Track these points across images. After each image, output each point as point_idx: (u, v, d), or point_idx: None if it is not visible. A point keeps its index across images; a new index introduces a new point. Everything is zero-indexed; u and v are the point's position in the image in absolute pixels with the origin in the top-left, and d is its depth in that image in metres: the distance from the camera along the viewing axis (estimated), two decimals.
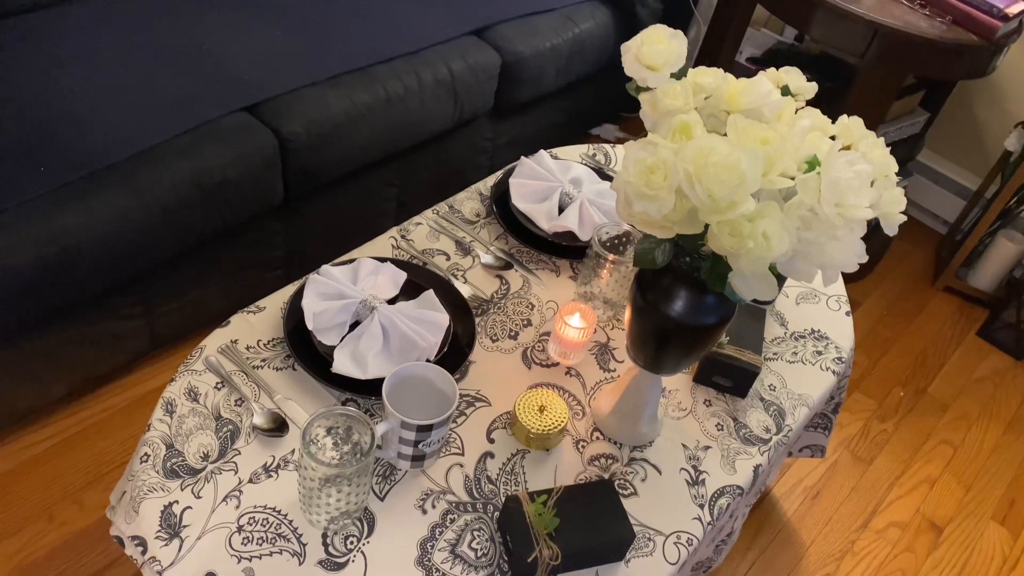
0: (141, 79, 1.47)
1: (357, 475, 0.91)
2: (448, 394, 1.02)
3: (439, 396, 1.04)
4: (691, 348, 1.00)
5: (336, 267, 1.22)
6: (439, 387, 1.04)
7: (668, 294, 0.96)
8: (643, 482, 1.10)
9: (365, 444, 0.95)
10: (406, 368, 1.03)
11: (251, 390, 1.09)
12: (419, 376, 1.04)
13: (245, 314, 1.18)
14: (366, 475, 0.93)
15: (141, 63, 1.51)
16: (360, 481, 0.92)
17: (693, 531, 1.06)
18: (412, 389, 1.04)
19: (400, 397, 1.03)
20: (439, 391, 1.04)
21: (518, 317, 1.27)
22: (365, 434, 0.95)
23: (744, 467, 1.15)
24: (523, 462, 1.09)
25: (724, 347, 1.22)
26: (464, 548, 0.98)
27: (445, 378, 1.03)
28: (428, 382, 1.04)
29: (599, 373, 1.22)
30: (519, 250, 1.38)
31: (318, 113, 1.55)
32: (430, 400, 1.05)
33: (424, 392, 1.05)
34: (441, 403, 1.03)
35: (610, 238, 1.27)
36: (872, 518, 1.66)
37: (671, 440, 1.16)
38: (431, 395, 1.04)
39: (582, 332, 1.19)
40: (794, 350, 1.33)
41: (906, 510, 1.69)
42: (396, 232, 1.36)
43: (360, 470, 0.90)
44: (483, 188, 1.49)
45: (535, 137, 2.16)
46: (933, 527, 1.67)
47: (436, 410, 1.03)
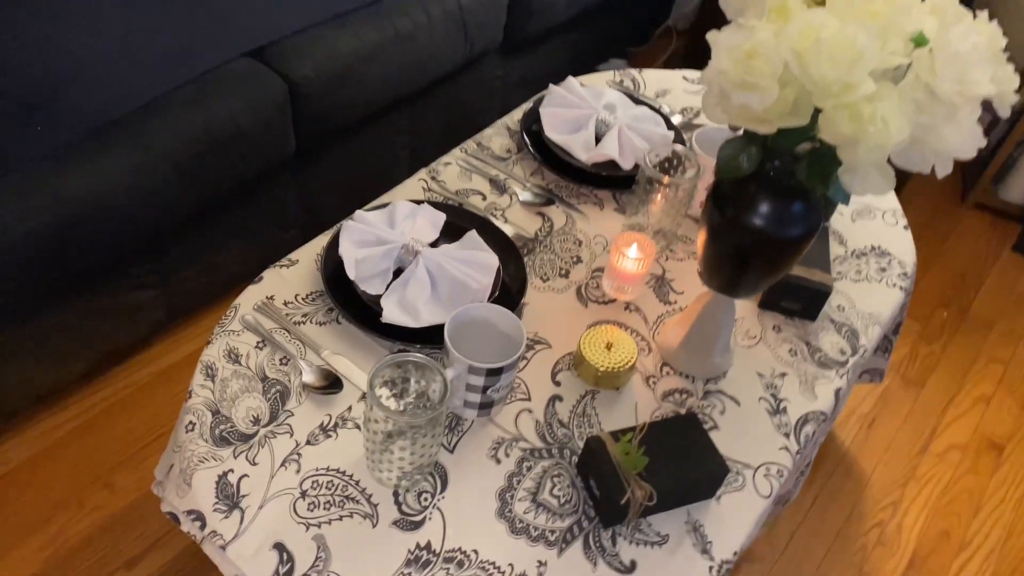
0: (138, 29, 1.36)
1: (430, 426, 0.83)
2: (512, 335, 0.94)
3: (501, 339, 0.96)
4: (775, 265, 0.93)
5: (370, 212, 1.13)
6: (501, 329, 0.96)
7: (750, 205, 0.88)
8: (722, 415, 1.03)
9: (435, 394, 0.87)
10: (466, 311, 0.94)
11: (296, 347, 1.00)
12: (479, 319, 0.96)
13: (278, 268, 1.09)
14: (439, 425, 0.85)
15: (136, 13, 1.39)
16: (433, 432, 0.85)
17: (782, 461, 0.99)
18: (472, 333, 0.96)
19: (460, 342, 0.95)
20: (501, 334, 0.96)
21: (567, 254, 1.19)
22: (434, 382, 0.87)
23: (824, 392, 1.08)
24: (593, 403, 1.01)
25: (792, 268, 1.14)
26: (545, 496, 0.91)
27: (508, 319, 0.95)
28: (489, 325, 0.96)
29: (659, 306, 1.14)
30: (557, 184, 1.30)
31: (327, 55, 1.45)
32: (491, 343, 0.97)
33: (485, 336, 0.97)
34: (504, 346, 0.96)
35: (659, 161, 1.19)
36: (931, 442, 1.61)
37: (745, 370, 1.08)
38: (492, 338, 0.97)
39: (640, 263, 1.11)
40: (857, 268, 1.26)
41: (964, 431, 1.64)
42: (425, 173, 1.27)
43: (433, 420, 0.83)
44: (511, 123, 1.40)
45: (545, 75, 2.05)
46: (993, 446, 1.62)
47: (499, 354, 0.96)
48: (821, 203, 0.92)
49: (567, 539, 0.88)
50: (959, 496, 1.53)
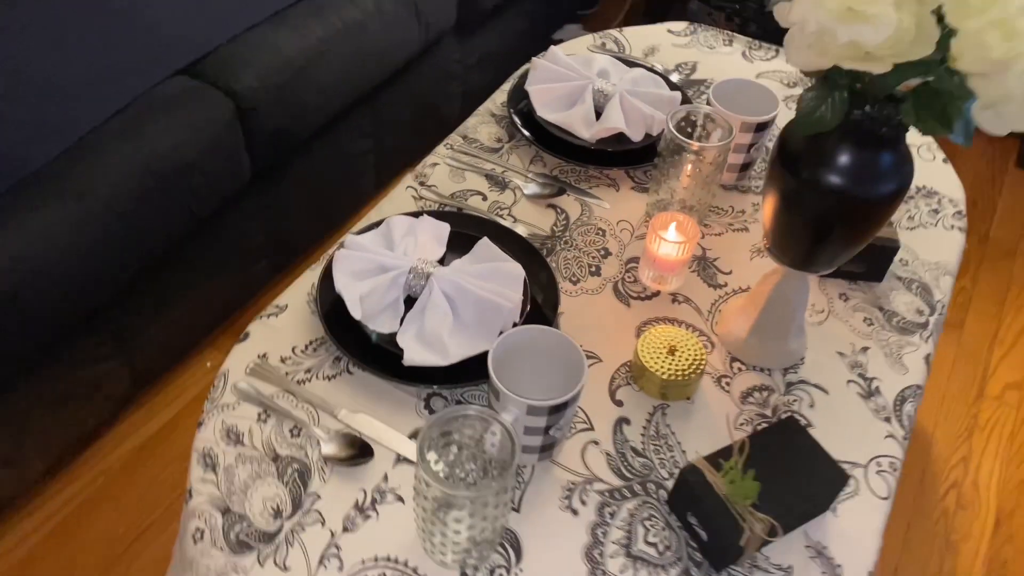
0: (50, 58, 1.16)
1: (497, 493, 0.67)
2: (567, 358, 0.79)
3: (552, 365, 0.80)
4: (862, 230, 0.78)
5: (362, 235, 0.96)
6: (551, 353, 0.80)
7: (830, 163, 0.73)
8: (812, 409, 0.89)
9: (493, 447, 0.71)
10: (508, 338, 0.78)
11: (306, 412, 0.83)
12: (523, 345, 0.80)
13: (265, 319, 0.92)
14: (508, 491, 0.69)
15: (46, 39, 1.19)
16: (501, 500, 0.68)
17: (892, 452, 0.86)
18: (516, 363, 0.80)
19: (505, 377, 0.79)
20: (551, 358, 0.80)
21: (592, 248, 1.03)
22: (491, 433, 0.71)
23: (914, 361, 0.94)
24: (665, 420, 0.86)
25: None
26: (641, 546, 0.76)
27: (557, 340, 0.79)
28: (535, 350, 0.80)
29: (710, 292, 0.99)
30: (562, 169, 1.14)
31: (270, 60, 1.26)
32: (541, 372, 0.81)
33: (532, 363, 0.81)
34: (557, 373, 0.80)
35: (679, 121, 1.03)
36: (985, 384, 1.50)
37: (822, 350, 0.94)
38: (542, 366, 0.81)
39: (682, 247, 0.95)
40: (908, 214, 1.12)
41: (1017, 367, 1.53)
42: (413, 179, 1.10)
43: (502, 487, 0.67)
44: (494, 107, 1.23)
45: (503, 52, 1.89)
46: None
47: (554, 384, 0.80)
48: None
49: None
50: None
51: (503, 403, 0.75)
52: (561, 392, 0.77)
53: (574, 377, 0.77)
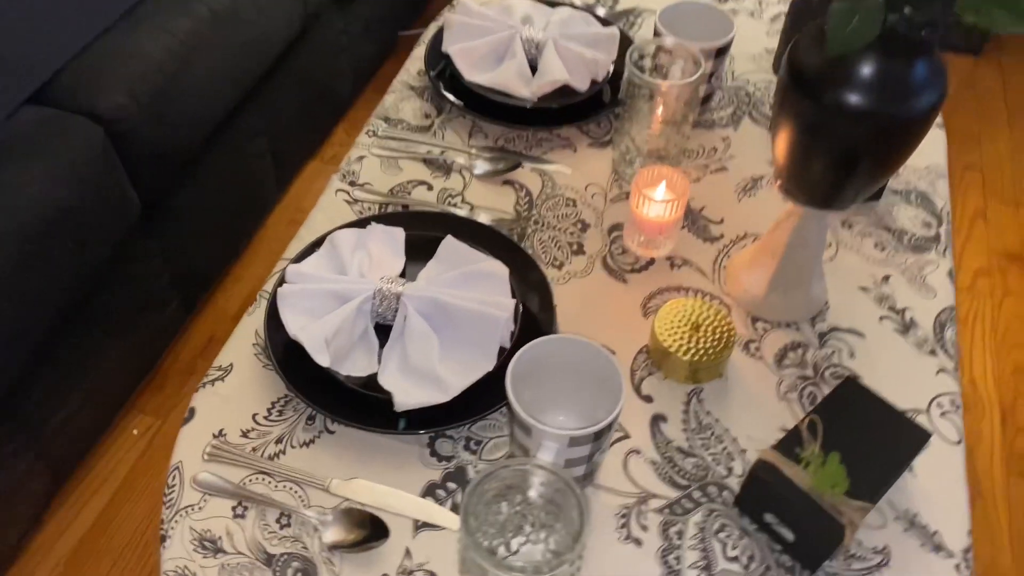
0: None
1: (573, 562, 0.54)
2: (592, 365, 0.66)
3: (573, 377, 0.67)
4: (896, 154, 0.68)
5: (302, 262, 0.80)
6: (570, 365, 0.67)
7: (859, 82, 0.63)
8: (853, 358, 0.80)
9: (542, 497, 0.58)
10: (524, 356, 0.65)
11: (290, 493, 0.68)
12: (538, 362, 0.66)
13: (210, 388, 0.75)
14: (581, 559, 0.56)
15: None
16: (576, 567, 0.56)
17: (948, 388, 0.77)
18: (532, 385, 0.67)
19: (524, 404, 0.65)
20: (572, 370, 0.67)
21: (567, 223, 0.90)
22: (536, 485, 0.58)
23: (938, 280, 0.86)
24: (704, 406, 0.75)
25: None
26: (723, 565, 0.65)
27: (579, 348, 0.66)
28: (551, 365, 0.67)
29: (708, 248, 0.88)
30: (506, 138, 0.99)
31: (135, 68, 1.05)
32: (562, 388, 0.68)
33: (550, 381, 0.68)
34: (580, 386, 0.67)
35: (638, 59, 0.90)
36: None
37: (842, 289, 0.85)
38: (561, 381, 0.68)
39: (673, 205, 0.84)
40: None
41: (978, 254, 1.50)
42: (340, 181, 0.94)
43: (577, 555, 0.54)
44: (411, 79, 1.07)
45: (390, 13, 1.71)
46: (1014, 258, 1.49)
47: (578, 399, 0.68)
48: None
49: None
50: (1012, 324, 1.40)
51: (536, 438, 0.62)
52: (593, 408, 0.64)
53: (606, 388, 0.65)
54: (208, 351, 1.36)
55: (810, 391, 0.76)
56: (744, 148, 0.99)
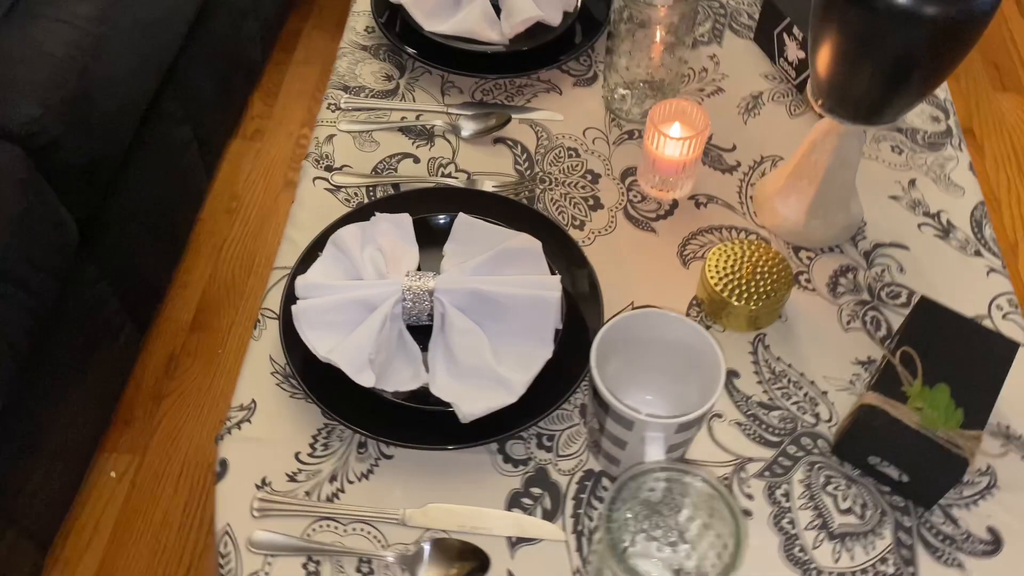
0: None
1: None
2: (679, 336, 0.60)
3: (645, 352, 0.62)
4: (953, 59, 0.63)
5: (308, 272, 0.70)
6: (642, 340, 0.61)
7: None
8: (903, 273, 0.76)
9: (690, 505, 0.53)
10: (604, 339, 0.58)
11: (363, 536, 0.60)
12: (610, 341, 0.60)
13: (236, 432, 0.66)
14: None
15: None
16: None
17: (1003, 288, 0.75)
18: (610, 364, 0.61)
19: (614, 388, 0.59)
20: (641, 346, 0.61)
21: (575, 176, 0.83)
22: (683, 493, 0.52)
23: (962, 175, 0.84)
24: (773, 354, 0.71)
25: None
26: (840, 520, 0.62)
27: (655, 321, 0.60)
28: (620, 341, 0.61)
29: (728, 180, 0.83)
30: (483, 90, 0.90)
31: (41, 69, 0.90)
32: (638, 366, 0.62)
33: (614, 359, 0.62)
34: (656, 362, 0.62)
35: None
36: None
37: (873, 202, 0.81)
38: (634, 358, 0.62)
39: (693, 142, 0.77)
40: None
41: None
42: (315, 167, 0.83)
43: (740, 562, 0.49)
44: (360, 37, 0.96)
45: None
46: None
47: (659, 377, 0.62)
48: None
49: (904, 555, 0.60)
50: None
51: (637, 432, 0.56)
52: (673, 383, 0.59)
53: (688, 358, 0.59)
54: (172, 370, 1.24)
55: (872, 316, 0.73)
56: (735, 64, 0.93)
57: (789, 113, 0.89)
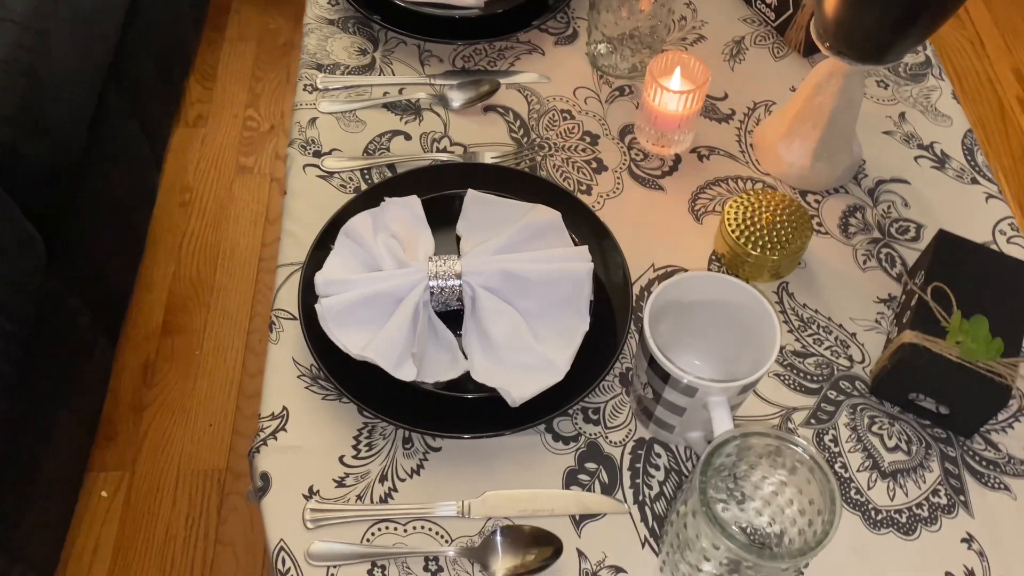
0: None
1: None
2: (714, 297, 0.60)
3: (690, 316, 0.61)
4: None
5: (326, 268, 0.67)
6: (685, 304, 0.60)
7: None
8: (908, 207, 0.77)
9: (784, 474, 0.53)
10: (654, 305, 0.57)
11: (426, 534, 0.59)
12: (663, 306, 0.59)
13: (271, 444, 0.63)
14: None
15: None
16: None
17: (1002, 212, 0.77)
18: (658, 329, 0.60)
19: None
20: (685, 308, 0.61)
21: (573, 139, 0.81)
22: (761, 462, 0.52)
23: (947, 104, 0.85)
24: (798, 300, 0.71)
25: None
26: (889, 458, 0.63)
27: (708, 284, 0.59)
28: (671, 305, 0.60)
29: (725, 129, 0.82)
30: (463, 57, 0.87)
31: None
32: (679, 328, 0.62)
33: (668, 324, 0.61)
34: (699, 324, 0.61)
35: None
36: None
37: (870, 138, 0.81)
38: (676, 321, 0.61)
39: (693, 96, 0.76)
40: None
41: None
42: (302, 154, 0.79)
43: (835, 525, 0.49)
44: (325, 11, 0.91)
45: None
46: None
47: (695, 341, 0.62)
48: None
49: (954, 484, 0.62)
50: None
51: (700, 398, 0.56)
52: (722, 343, 0.59)
53: (741, 319, 0.59)
54: (150, 379, 1.18)
55: (886, 253, 0.74)
56: (712, 10, 0.92)
57: (773, 56, 0.88)
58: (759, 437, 0.50)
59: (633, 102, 0.84)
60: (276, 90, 1.51)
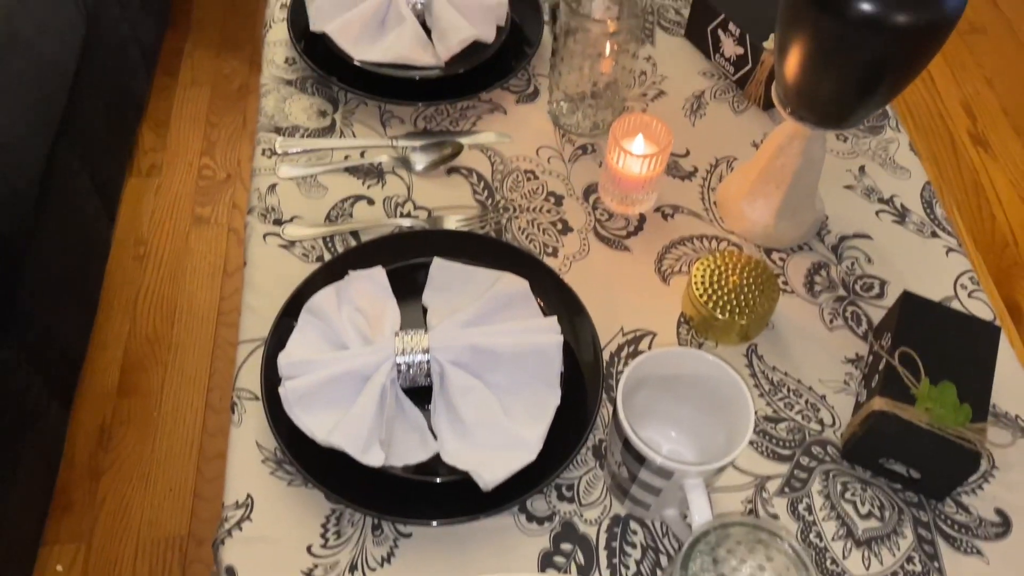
0: None
1: None
2: (686, 373, 0.59)
3: (660, 390, 0.60)
4: (921, 63, 0.63)
5: (289, 348, 0.65)
6: (660, 377, 0.60)
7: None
8: (871, 263, 0.78)
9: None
10: (628, 382, 0.57)
11: None
12: (637, 380, 0.58)
13: (237, 535, 0.60)
14: None
15: None
16: None
17: (962, 267, 0.78)
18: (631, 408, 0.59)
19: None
20: (661, 381, 0.60)
21: (538, 200, 0.80)
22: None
23: (904, 156, 0.86)
24: (767, 363, 0.71)
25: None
26: (863, 525, 0.63)
27: (680, 359, 0.59)
28: (646, 379, 0.59)
29: (688, 187, 0.82)
30: (426, 117, 0.86)
31: None
32: (653, 399, 0.61)
33: (642, 396, 0.60)
34: (675, 396, 0.61)
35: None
36: None
37: (831, 192, 0.82)
38: (650, 393, 0.61)
39: (655, 160, 0.76)
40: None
41: None
42: (261, 222, 0.77)
43: None
44: (280, 71, 0.89)
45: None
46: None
47: (673, 410, 0.61)
48: None
49: (927, 551, 0.62)
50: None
51: (676, 480, 0.55)
52: (697, 412, 0.58)
53: (715, 392, 0.59)
54: (106, 443, 1.14)
55: (852, 311, 0.74)
56: (671, 65, 0.92)
57: (733, 110, 0.89)
58: (739, 527, 0.49)
59: (596, 161, 0.84)
60: (232, 136, 1.49)
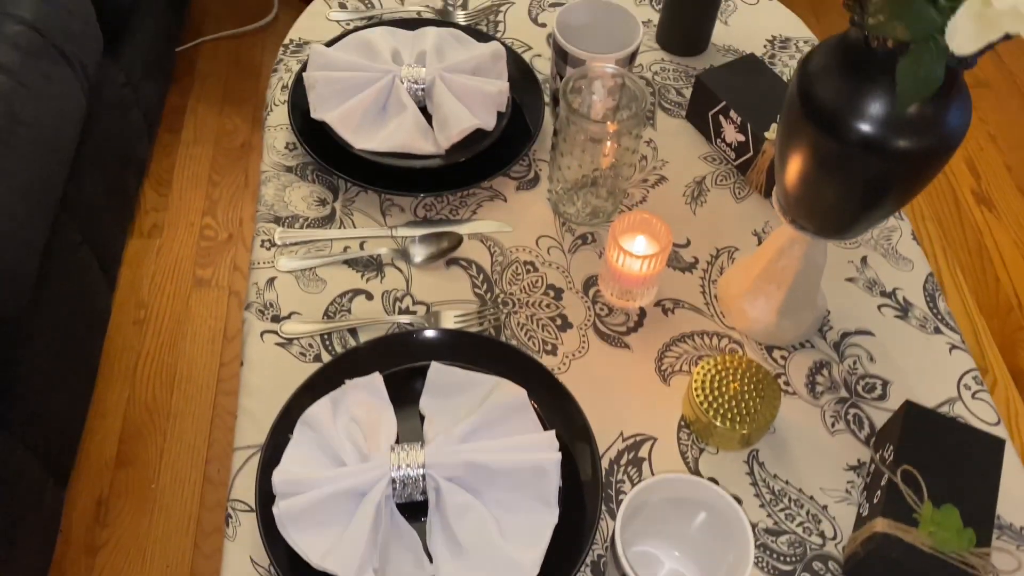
0: None
1: None
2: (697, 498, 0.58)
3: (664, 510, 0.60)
4: (921, 183, 0.63)
5: (285, 463, 0.64)
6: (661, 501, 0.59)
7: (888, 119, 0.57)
8: (873, 362, 0.77)
9: None
10: (627, 510, 0.56)
11: None
12: (638, 505, 0.58)
13: None
14: None
15: None
16: None
17: (966, 365, 0.77)
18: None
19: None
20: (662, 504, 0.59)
21: (537, 294, 0.80)
22: None
23: (907, 246, 0.85)
24: (768, 471, 0.70)
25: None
26: None
27: (681, 487, 0.58)
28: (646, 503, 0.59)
29: (688, 280, 0.82)
30: (427, 206, 0.86)
31: None
32: (654, 519, 0.60)
33: (643, 518, 0.60)
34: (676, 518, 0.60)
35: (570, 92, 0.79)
36: None
37: (832, 287, 0.82)
38: (650, 514, 0.60)
39: (654, 260, 0.75)
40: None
41: None
42: (259, 319, 0.76)
43: None
44: (281, 157, 0.89)
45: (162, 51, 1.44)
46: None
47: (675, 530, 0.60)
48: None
49: None
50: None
51: None
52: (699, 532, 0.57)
53: (716, 517, 0.58)
54: (103, 517, 1.13)
55: (854, 414, 0.74)
56: (673, 149, 0.92)
57: (735, 196, 0.88)
58: None
59: (596, 251, 0.83)
60: (234, 195, 1.49)
